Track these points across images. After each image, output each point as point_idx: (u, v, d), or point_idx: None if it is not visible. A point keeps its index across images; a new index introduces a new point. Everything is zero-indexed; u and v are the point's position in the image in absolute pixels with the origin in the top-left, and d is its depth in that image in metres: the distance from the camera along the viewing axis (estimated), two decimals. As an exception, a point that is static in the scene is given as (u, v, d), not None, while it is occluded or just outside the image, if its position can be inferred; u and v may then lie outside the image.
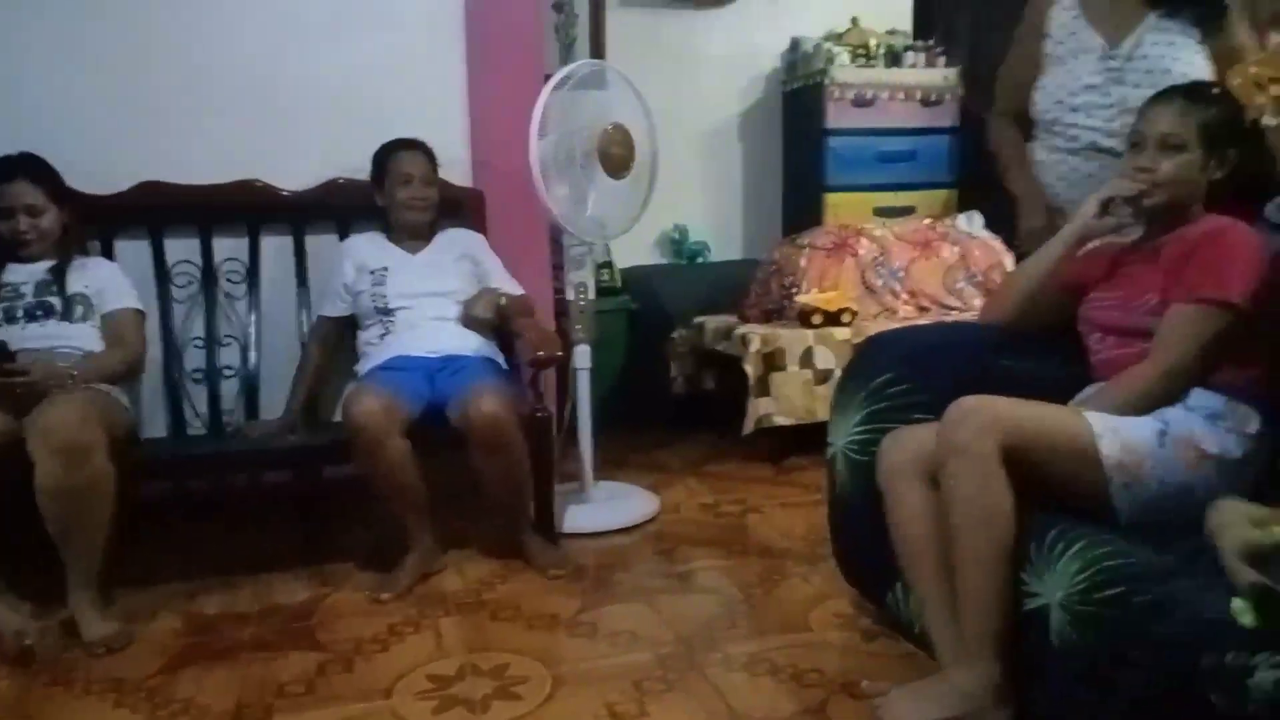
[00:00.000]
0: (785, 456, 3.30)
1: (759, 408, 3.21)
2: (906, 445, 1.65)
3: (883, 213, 3.85)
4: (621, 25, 3.93)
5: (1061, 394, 1.72)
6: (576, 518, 2.71)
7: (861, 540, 1.89)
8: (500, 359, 2.61)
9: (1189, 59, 1.92)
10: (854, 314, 3.31)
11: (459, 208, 2.77)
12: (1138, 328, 1.62)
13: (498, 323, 2.61)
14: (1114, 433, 1.49)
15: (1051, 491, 1.52)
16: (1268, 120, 1.77)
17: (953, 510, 1.50)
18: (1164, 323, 1.56)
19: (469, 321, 2.57)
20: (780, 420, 3.22)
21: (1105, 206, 1.69)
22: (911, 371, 1.81)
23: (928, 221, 3.71)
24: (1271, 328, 1.55)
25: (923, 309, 3.49)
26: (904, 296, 3.51)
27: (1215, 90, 1.70)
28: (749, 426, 3.22)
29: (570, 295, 2.84)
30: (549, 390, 2.83)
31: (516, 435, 2.30)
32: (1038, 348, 1.83)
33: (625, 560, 2.53)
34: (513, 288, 2.67)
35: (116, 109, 2.58)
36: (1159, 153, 1.62)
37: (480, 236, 2.75)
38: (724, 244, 4.21)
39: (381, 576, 2.36)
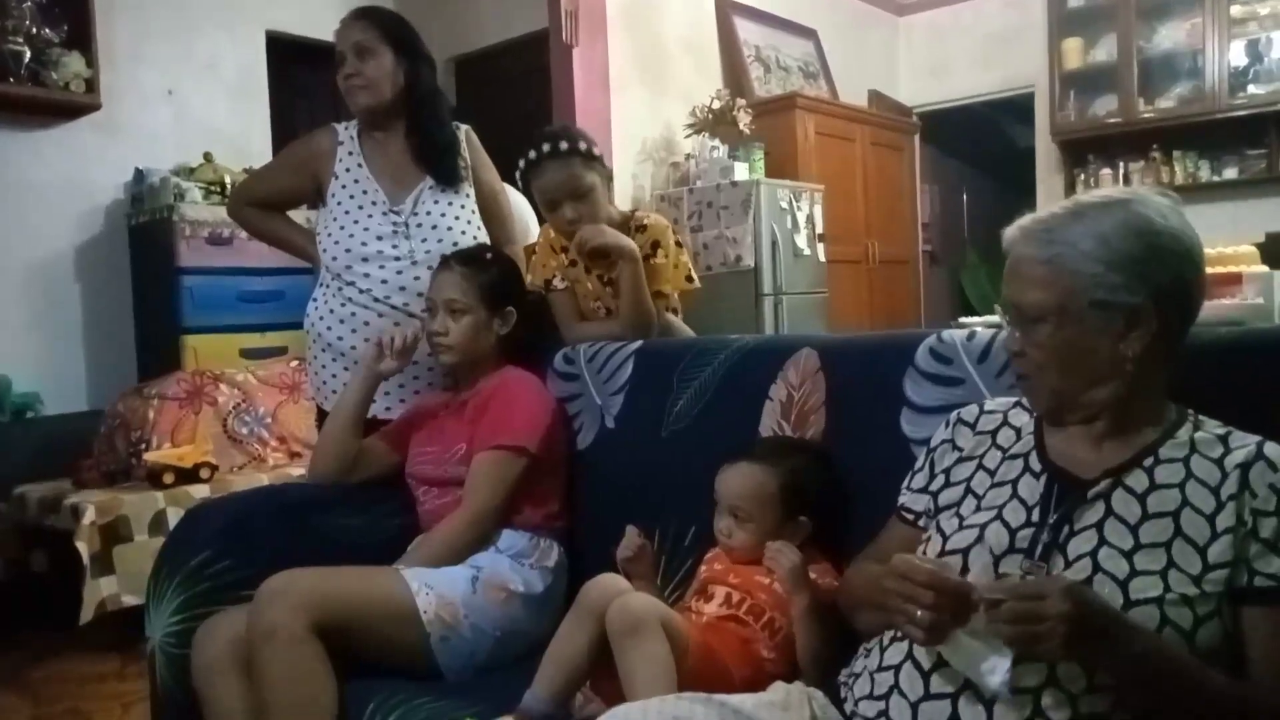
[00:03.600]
0: (138, 642, 2.84)
1: (100, 589, 2.73)
2: (219, 634, 1.48)
3: (251, 354, 3.65)
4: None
5: (393, 546, 1.70)
6: None
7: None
8: None
9: (465, 215, 2.05)
10: (214, 468, 3.02)
11: None
12: (453, 478, 1.67)
13: None
14: (429, 588, 1.49)
15: (379, 655, 1.46)
16: (556, 284, 1.99)
17: (267, 701, 1.36)
18: (470, 471, 1.62)
19: None
20: (130, 600, 2.76)
21: (380, 347, 1.77)
22: (231, 545, 1.64)
23: (295, 363, 3.59)
24: (559, 466, 1.71)
25: (294, 454, 3.33)
26: (273, 444, 3.32)
27: (489, 255, 1.85)
28: (87, 613, 2.71)
29: None
30: None
31: None
32: (369, 502, 1.80)
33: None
34: None
35: None
36: (447, 316, 1.72)
37: None
38: (62, 395, 3.61)
39: None
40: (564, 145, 1.87)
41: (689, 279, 2.02)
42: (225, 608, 1.57)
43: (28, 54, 3.43)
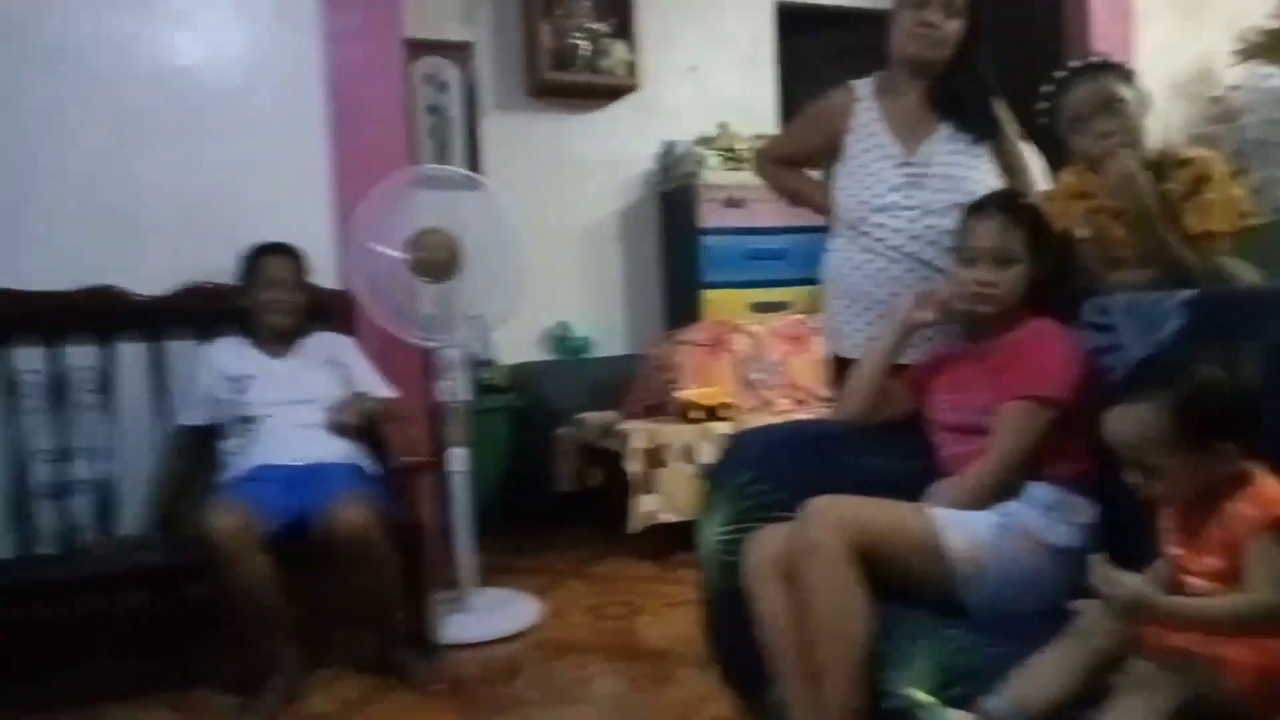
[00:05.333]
0: (671, 553, 3.29)
1: (643, 505, 3.21)
2: (766, 545, 1.66)
3: (758, 308, 3.97)
4: (496, 128, 4.01)
5: (911, 487, 1.77)
6: (456, 628, 2.63)
7: (736, 642, 1.88)
8: (369, 466, 2.55)
9: (981, 167, 2.04)
10: (733, 409, 3.37)
11: (327, 310, 2.74)
12: (973, 425, 1.69)
13: (367, 427, 2.56)
14: (957, 527, 1.54)
15: (906, 586, 1.56)
16: (1080, 232, 1.91)
17: (809, 608, 1.52)
18: (996, 420, 1.63)
19: (336, 427, 2.51)
20: (666, 517, 3.22)
21: (920, 299, 1.81)
22: (768, 470, 1.84)
23: (799, 316, 3.84)
24: (1094, 422, 1.64)
25: (800, 401, 3.58)
26: (781, 390, 3.59)
27: (1024, 201, 1.82)
28: (634, 524, 3.20)
29: (442, 397, 2.81)
30: (428, 496, 2.78)
31: (383, 546, 2.24)
32: (887, 443, 1.89)
33: (509, 671, 2.46)
34: (383, 390, 2.64)
35: None
36: (994, 267, 1.72)
37: (348, 339, 2.71)
38: (607, 340, 4.26)
39: (246, 700, 2.23)
40: (1097, 60, 1.86)
41: (1242, 215, 1.81)
42: (763, 524, 1.78)
43: (585, 46, 4.04)
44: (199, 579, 2.23)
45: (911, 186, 2.04)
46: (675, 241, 4.20)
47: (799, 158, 2.35)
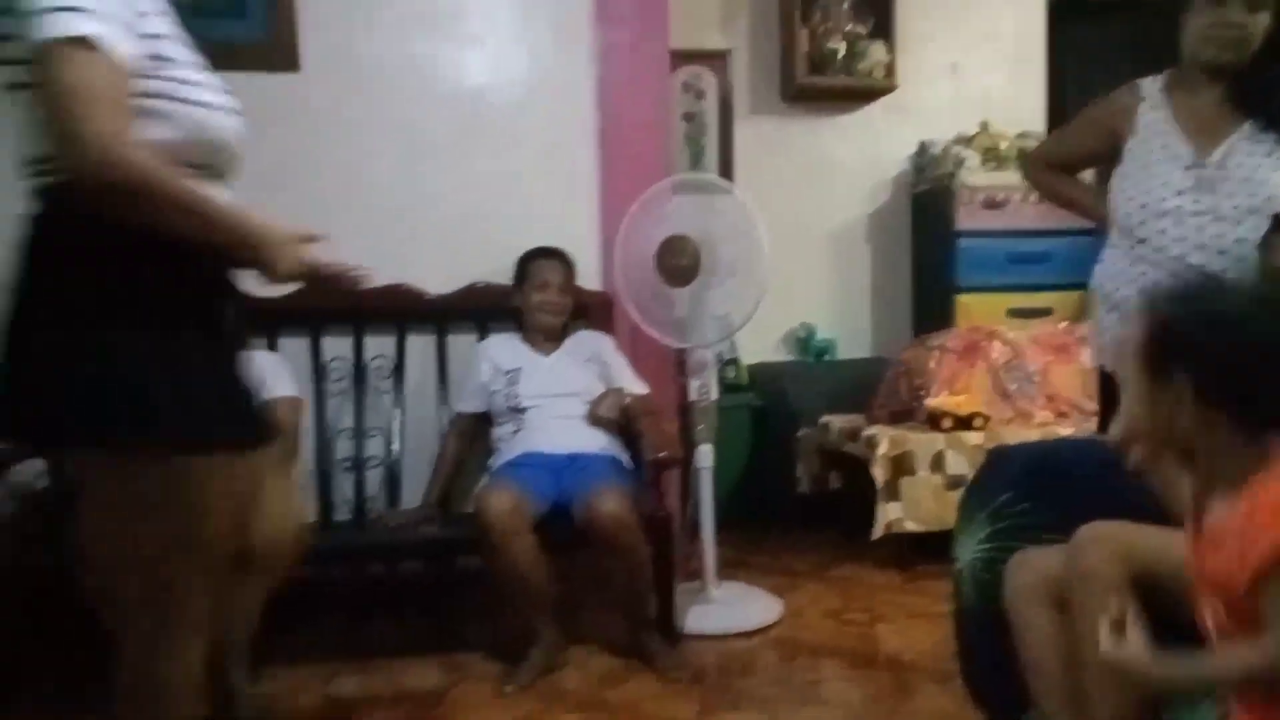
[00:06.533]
0: (915, 564, 3.22)
1: (888, 512, 3.16)
2: (1034, 568, 1.61)
3: (1017, 314, 3.78)
4: (750, 133, 4.07)
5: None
6: (698, 619, 2.72)
7: (990, 662, 1.83)
8: (624, 458, 2.68)
9: None
10: (986, 419, 3.24)
11: (590, 311, 2.91)
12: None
13: (623, 422, 2.70)
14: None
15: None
16: None
17: (1083, 639, 1.46)
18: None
19: (595, 420, 2.67)
20: (910, 526, 3.16)
21: None
22: (1032, 490, 1.77)
23: (1064, 324, 3.62)
24: None
25: (1061, 414, 3.39)
26: (1040, 401, 3.41)
27: None
28: (878, 531, 3.17)
29: (692, 395, 2.91)
30: (673, 489, 2.89)
31: (638, 535, 2.36)
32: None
33: (746, 666, 2.51)
34: (638, 387, 2.77)
35: (279, 223, 2.85)
36: None
37: (609, 338, 2.87)
38: (851, 342, 4.22)
39: (507, 668, 2.42)
40: None
41: None
42: (1023, 545, 1.72)
43: (843, 49, 4.01)
44: (472, 553, 2.45)
45: (1200, 190, 1.89)
46: (928, 244, 4.09)
47: (1073, 162, 2.24)
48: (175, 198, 1.23)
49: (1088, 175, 2.38)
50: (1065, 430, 3.20)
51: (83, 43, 1.14)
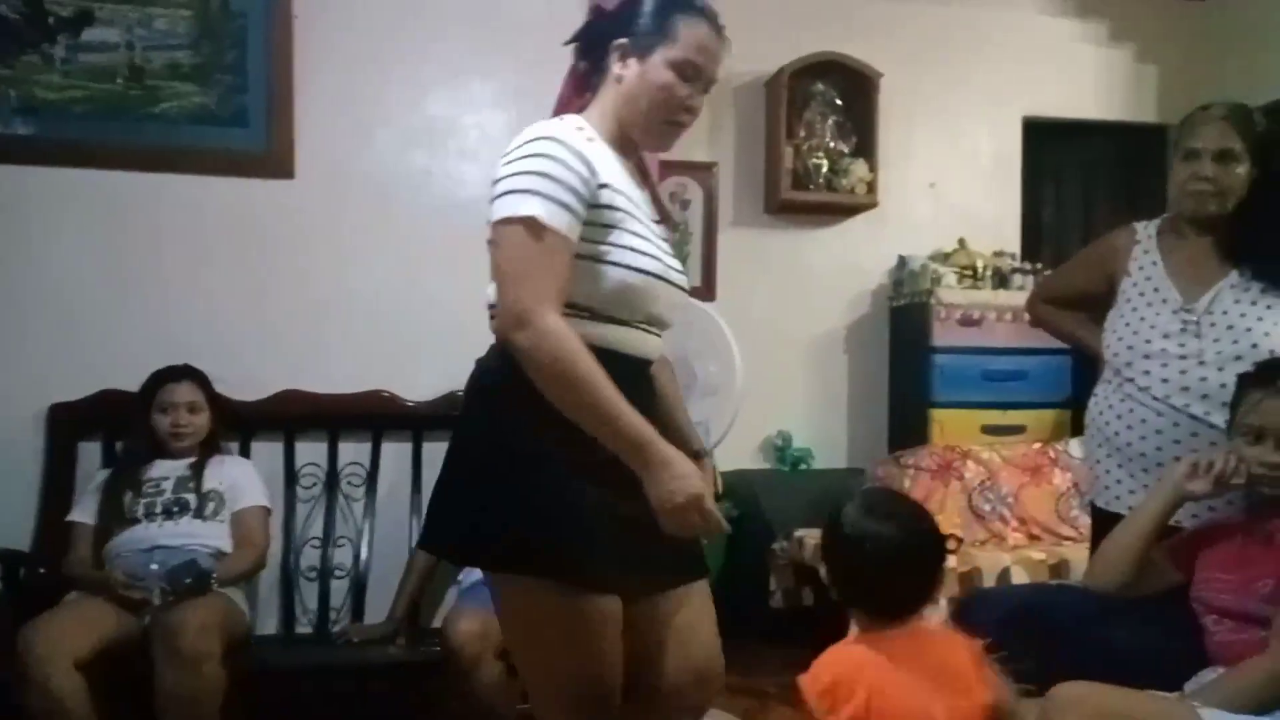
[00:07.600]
0: (888, 686, 3.15)
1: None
2: (1005, 722, 1.58)
3: (991, 431, 3.80)
4: (733, 243, 4.13)
5: (1168, 673, 1.64)
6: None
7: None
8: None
9: (1272, 319, 1.89)
10: (959, 541, 3.20)
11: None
12: (1255, 614, 1.56)
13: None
14: (1232, 735, 1.41)
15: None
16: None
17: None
18: (1282, 616, 1.49)
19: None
20: (883, 648, 3.09)
21: (1194, 469, 1.68)
22: (1007, 636, 1.75)
23: (1038, 445, 3.65)
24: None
25: (1033, 537, 3.38)
26: (1013, 524, 3.41)
27: None
28: (851, 652, 3.10)
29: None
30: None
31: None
32: (1143, 618, 1.76)
33: (714, 797, 2.43)
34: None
35: (260, 329, 2.87)
36: None
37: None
38: (827, 452, 4.20)
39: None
40: None
41: None
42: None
43: (825, 165, 4.10)
44: (438, 675, 2.38)
45: (1187, 334, 1.93)
46: (905, 357, 4.12)
47: (1073, 299, 2.28)
48: (579, 380, 1.32)
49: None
50: (1038, 554, 3.19)
51: (527, 222, 1.34)
